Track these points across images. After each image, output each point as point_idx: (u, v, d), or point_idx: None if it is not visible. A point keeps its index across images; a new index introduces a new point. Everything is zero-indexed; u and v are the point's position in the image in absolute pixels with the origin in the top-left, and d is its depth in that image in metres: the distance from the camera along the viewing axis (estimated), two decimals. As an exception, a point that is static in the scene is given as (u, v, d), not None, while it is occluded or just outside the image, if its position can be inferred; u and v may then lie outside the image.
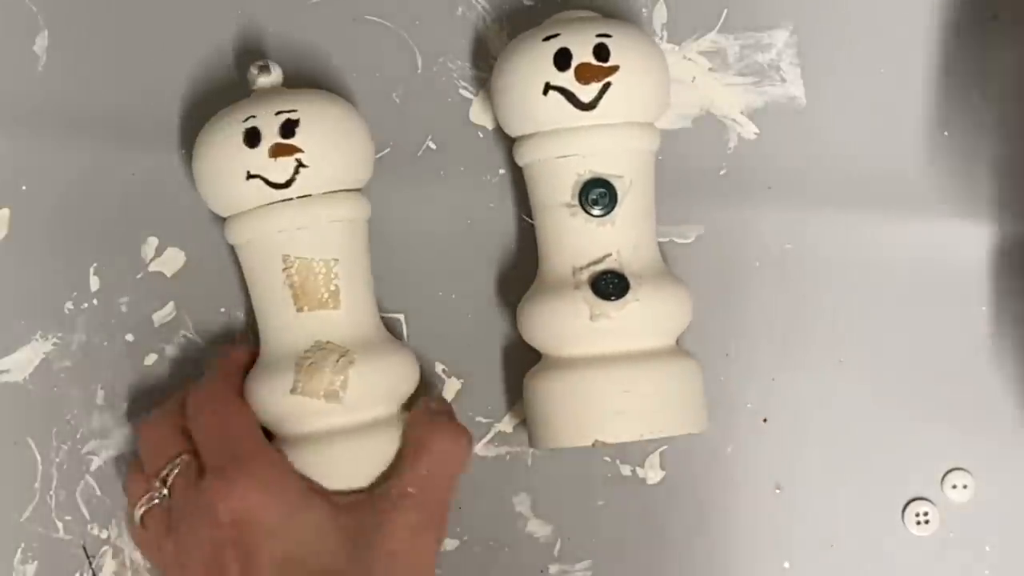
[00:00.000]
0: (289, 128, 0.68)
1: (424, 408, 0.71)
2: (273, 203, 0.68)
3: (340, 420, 0.68)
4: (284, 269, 0.68)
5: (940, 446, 0.75)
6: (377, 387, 0.69)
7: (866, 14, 0.76)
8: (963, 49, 0.76)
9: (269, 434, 0.70)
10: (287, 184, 0.68)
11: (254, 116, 0.68)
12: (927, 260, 0.75)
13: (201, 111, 0.75)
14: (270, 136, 0.67)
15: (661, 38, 0.76)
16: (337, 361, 0.68)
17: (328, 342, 0.68)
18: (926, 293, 0.75)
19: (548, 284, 0.71)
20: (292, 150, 0.67)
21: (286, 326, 0.69)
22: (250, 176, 0.68)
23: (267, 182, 0.67)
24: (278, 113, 0.68)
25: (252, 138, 0.68)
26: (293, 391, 0.68)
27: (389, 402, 0.70)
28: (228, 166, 0.68)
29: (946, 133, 0.76)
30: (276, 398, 0.68)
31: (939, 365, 0.75)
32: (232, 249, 0.71)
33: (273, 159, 0.67)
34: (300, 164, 0.67)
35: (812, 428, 0.75)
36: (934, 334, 0.75)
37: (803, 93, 0.76)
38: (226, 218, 0.70)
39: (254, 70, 0.71)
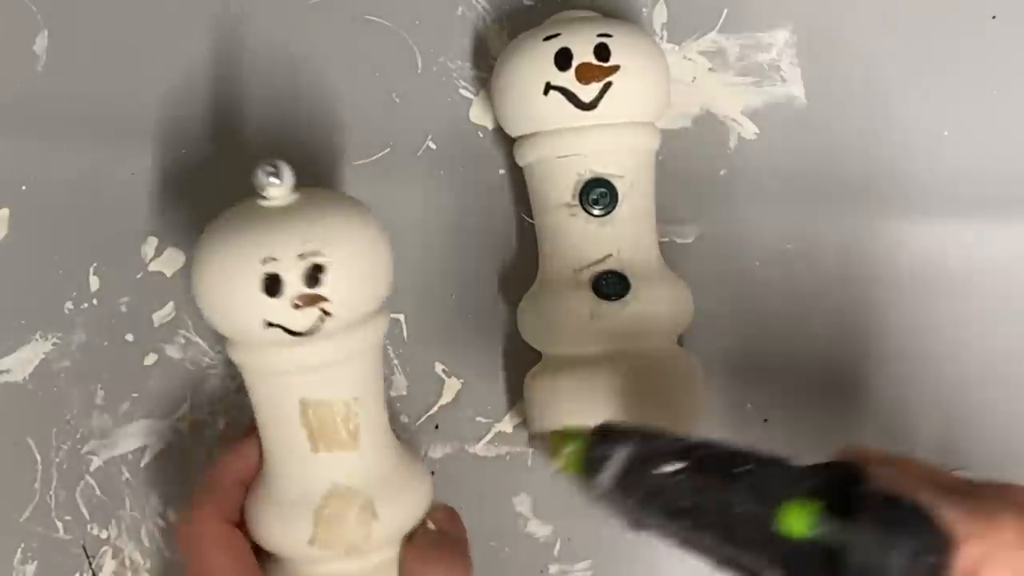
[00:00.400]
0: (314, 276, 0.60)
1: (424, 532, 0.67)
2: (289, 344, 0.62)
3: (355, 566, 0.65)
4: (301, 412, 0.63)
5: (940, 446, 0.75)
6: (398, 531, 0.66)
7: (866, 14, 0.76)
8: (963, 49, 0.76)
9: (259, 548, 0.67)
10: (308, 333, 0.61)
11: (274, 259, 0.60)
12: (927, 260, 0.75)
13: (201, 111, 0.75)
14: (293, 284, 0.60)
15: (661, 38, 0.76)
16: (359, 513, 0.64)
17: (347, 487, 0.64)
18: (926, 293, 0.75)
19: (549, 284, 0.71)
20: (317, 300, 0.61)
21: (301, 465, 0.64)
22: (268, 324, 0.61)
23: (287, 331, 0.61)
24: (302, 256, 0.60)
25: (272, 286, 0.60)
26: (312, 543, 0.63)
27: (402, 537, 0.67)
28: (242, 309, 0.61)
29: (946, 133, 0.76)
30: (291, 547, 0.64)
31: (939, 364, 0.75)
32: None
33: (296, 310, 0.61)
34: (325, 313, 0.61)
35: (812, 428, 0.75)
36: (934, 333, 0.75)
37: (803, 93, 0.76)
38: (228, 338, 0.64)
39: (263, 176, 0.62)
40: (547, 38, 0.69)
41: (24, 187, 0.75)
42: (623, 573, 0.75)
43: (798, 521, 0.49)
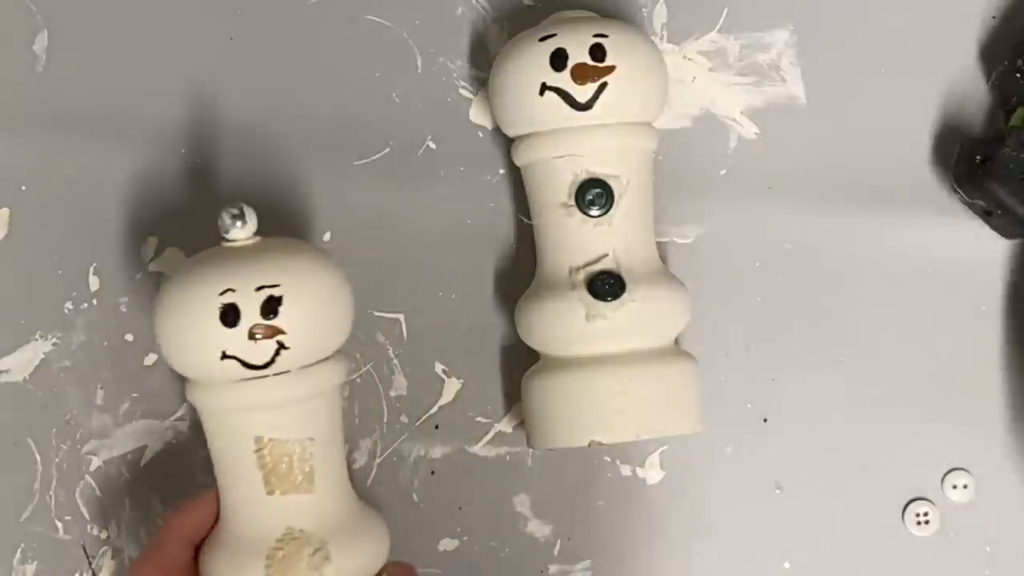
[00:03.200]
0: (271, 307, 0.62)
1: None
2: (248, 379, 0.63)
3: None
4: (256, 451, 0.64)
5: (940, 446, 0.75)
6: None
7: (866, 14, 0.76)
8: (963, 49, 0.76)
9: None
10: (265, 366, 0.62)
11: (232, 290, 0.62)
12: (927, 260, 0.75)
13: (201, 111, 0.75)
14: (250, 315, 0.61)
15: (661, 38, 0.76)
16: (312, 555, 0.64)
17: (301, 530, 0.64)
18: (926, 293, 0.75)
19: (545, 284, 0.71)
20: (274, 332, 0.62)
21: (255, 508, 0.64)
22: (225, 356, 0.62)
23: (243, 363, 0.62)
24: (259, 288, 0.62)
25: (229, 317, 0.61)
26: None
27: None
28: (200, 342, 0.62)
29: (946, 133, 0.76)
30: None
31: (939, 365, 0.75)
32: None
33: (252, 341, 0.62)
34: (281, 346, 0.62)
35: (812, 428, 0.75)
36: (934, 334, 0.75)
37: (803, 93, 0.76)
38: (188, 379, 0.65)
39: (227, 218, 0.64)
40: (543, 38, 0.69)
41: (24, 187, 0.75)
42: (623, 573, 0.75)
43: None
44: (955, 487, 0.75)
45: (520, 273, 0.74)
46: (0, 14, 0.76)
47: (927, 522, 0.75)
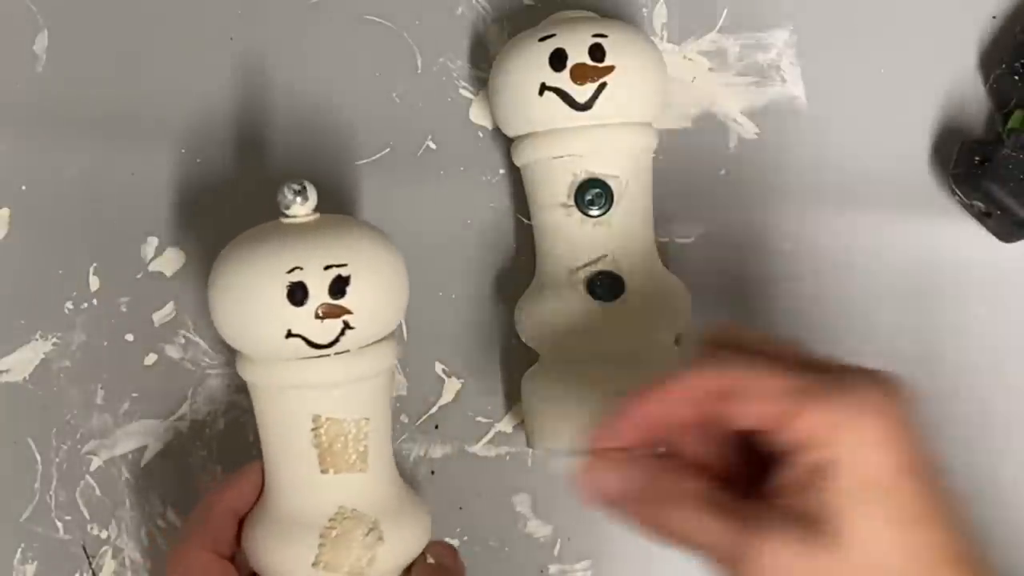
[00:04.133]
0: (339, 287, 0.62)
1: (423, 565, 0.67)
2: (308, 358, 0.63)
3: None
4: (313, 429, 0.64)
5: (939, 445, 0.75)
6: (402, 557, 0.66)
7: (866, 14, 0.76)
8: (962, 50, 0.76)
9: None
10: (329, 345, 0.63)
11: (300, 268, 0.61)
12: (927, 260, 0.75)
13: (201, 111, 0.75)
14: (318, 294, 0.61)
15: (661, 38, 0.76)
16: (366, 535, 0.64)
17: (353, 509, 0.64)
18: (926, 293, 0.75)
19: (545, 284, 0.71)
20: (341, 312, 0.62)
21: (307, 486, 0.64)
22: (290, 335, 0.62)
23: (308, 342, 0.62)
24: (327, 268, 0.62)
25: (297, 294, 0.61)
26: (315, 564, 0.63)
27: (405, 566, 0.67)
28: (265, 320, 0.62)
29: (948, 133, 0.76)
30: (294, 569, 0.64)
31: (939, 364, 0.75)
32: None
33: (319, 321, 0.62)
34: (347, 326, 0.62)
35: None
36: (934, 334, 0.75)
37: (803, 93, 0.76)
38: (242, 355, 0.65)
39: (289, 194, 0.64)
40: (542, 39, 0.69)
41: (24, 187, 0.75)
42: (623, 573, 0.75)
43: None
44: (955, 487, 0.74)
45: (520, 273, 0.74)
46: (0, 14, 0.76)
47: (927, 522, 0.74)
